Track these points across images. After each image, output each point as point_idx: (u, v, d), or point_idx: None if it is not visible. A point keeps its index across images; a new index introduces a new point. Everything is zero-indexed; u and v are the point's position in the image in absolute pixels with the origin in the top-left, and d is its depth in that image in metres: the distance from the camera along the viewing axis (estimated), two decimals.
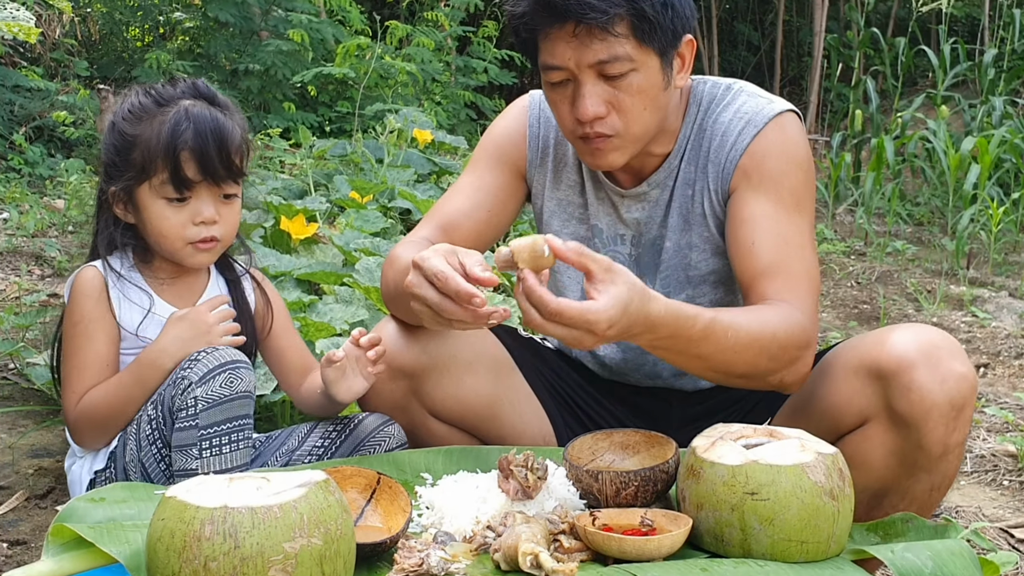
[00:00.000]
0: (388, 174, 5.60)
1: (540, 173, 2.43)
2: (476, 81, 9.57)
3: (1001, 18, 9.89)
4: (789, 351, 2.04)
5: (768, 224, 2.15)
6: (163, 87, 2.28)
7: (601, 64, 2.06)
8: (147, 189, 2.22)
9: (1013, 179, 7.52)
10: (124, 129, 2.24)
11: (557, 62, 2.09)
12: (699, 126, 2.28)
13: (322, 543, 1.50)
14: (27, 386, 3.50)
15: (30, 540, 2.59)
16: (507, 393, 2.39)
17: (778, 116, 2.22)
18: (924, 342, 1.98)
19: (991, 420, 3.74)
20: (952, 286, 5.78)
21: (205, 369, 2.10)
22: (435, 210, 2.44)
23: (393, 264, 2.26)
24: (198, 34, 9.54)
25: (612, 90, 2.09)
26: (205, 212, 2.23)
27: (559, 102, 2.16)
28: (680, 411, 2.45)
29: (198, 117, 2.21)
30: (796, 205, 2.19)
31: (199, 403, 2.08)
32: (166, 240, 2.25)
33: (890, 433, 2.00)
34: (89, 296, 2.25)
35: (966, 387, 1.96)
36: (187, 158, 2.19)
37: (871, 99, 9.15)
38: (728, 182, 2.23)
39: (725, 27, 12.28)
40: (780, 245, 2.14)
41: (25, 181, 6.57)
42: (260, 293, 2.46)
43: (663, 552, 1.70)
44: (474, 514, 1.86)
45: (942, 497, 2.10)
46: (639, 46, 2.06)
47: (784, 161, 2.20)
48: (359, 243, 4.08)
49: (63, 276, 4.94)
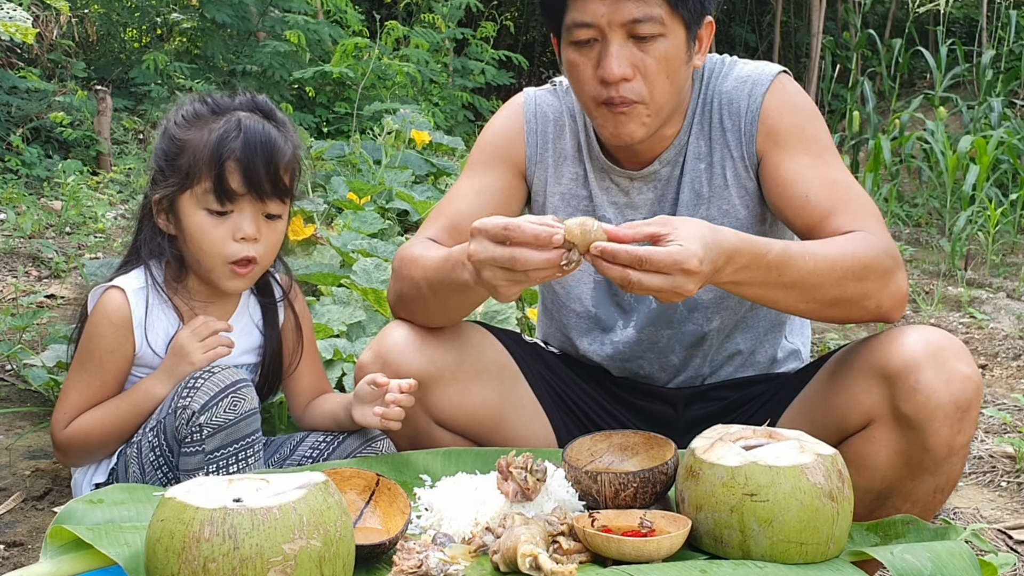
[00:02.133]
0: (386, 175, 5.60)
1: (540, 169, 2.42)
2: (474, 82, 9.58)
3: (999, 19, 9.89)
4: (874, 270, 2.04)
5: (813, 174, 2.20)
6: (221, 97, 2.23)
7: (634, 23, 2.09)
8: (189, 197, 2.16)
9: (1011, 180, 7.52)
10: (175, 134, 2.19)
11: (588, 19, 2.11)
12: (702, 100, 2.33)
13: (321, 544, 1.50)
14: (24, 387, 3.50)
15: (27, 542, 2.58)
16: (512, 401, 2.37)
17: (778, 75, 2.30)
18: (930, 343, 1.99)
19: (989, 421, 3.74)
20: (950, 287, 5.78)
21: (206, 397, 2.07)
22: (438, 212, 2.41)
23: (410, 262, 2.23)
24: (195, 35, 9.53)
25: (640, 53, 2.12)
26: (246, 228, 2.16)
27: (582, 64, 2.17)
28: (686, 415, 2.45)
29: (250, 128, 2.16)
30: (827, 149, 2.25)
31: (204, 430, 2.06)
32: (205, 256, 2.18)
33: (895, 434, 2.00)
34: (112, 324, 2.18)
35: (971, 388, 1.96)
36: (232, 168, 2.13)
37: (868, 100, 9.15)
38: (753, 146, 2.27)
39: (722, 29, 12.28)
40: (831, 189, 2.18)
41: (22, 182, 6.57)
42: (292, 319, 2.39)
43: (662, 553, 1.69)
44: (473, 516, 1.86)
45: (946, 499, 2.10)
46: (671, 11, 2.11)
47: (799, 114, 2.27)
48: (357, 244, 4.07)
49: (60, 277, 4.94)
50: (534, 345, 2.53)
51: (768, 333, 2.46)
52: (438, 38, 9.30)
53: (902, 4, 10.80)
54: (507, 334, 2.45)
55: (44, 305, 4.48)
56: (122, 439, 2.20)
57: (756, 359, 2.46)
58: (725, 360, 2.44)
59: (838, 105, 10.37)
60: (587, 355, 2.49)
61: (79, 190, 6.10)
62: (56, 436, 2.19)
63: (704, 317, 2.38)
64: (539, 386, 2.43)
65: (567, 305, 2.47)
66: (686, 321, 2.39)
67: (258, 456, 2.15)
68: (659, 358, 2.43)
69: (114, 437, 2.19)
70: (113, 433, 2.19)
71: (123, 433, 2.19)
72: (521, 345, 2.47)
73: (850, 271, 2.02)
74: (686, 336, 2.40)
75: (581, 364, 2.52)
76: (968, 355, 2.01)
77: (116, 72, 9.12)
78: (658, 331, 2.40)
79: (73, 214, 5.86)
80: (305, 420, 2.40)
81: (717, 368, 2.45)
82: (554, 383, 2.47)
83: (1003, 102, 8.54)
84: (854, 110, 9.07)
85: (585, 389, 2.49)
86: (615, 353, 2.45)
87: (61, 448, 2.21)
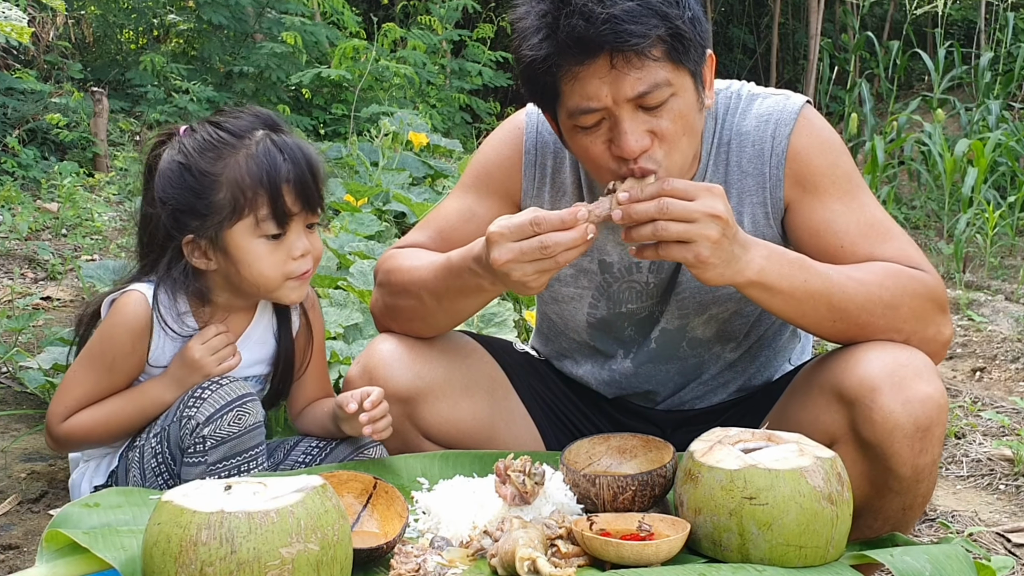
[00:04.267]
0: (383, 177, 5.60)
1: (536, 203, 2.31)
2: (471, 84, 9.57)
3: (997, 21, 9.89)
4: (908, 294, 1.97)
5: (845, 220, 2.11)
6: (229, 119, 2.15)
7: (641, 97, 1.93)
8: (241, 230, 2.08)
9: (1009, 183, 7.52)
10: (204, 168, 2.08)
11: (591, 104, 1.94)
12: (718, 139, 2.20)
13: (319, 548, 1.49)
14: (20, 390, 3.49)
15: (22, 544, 2.57)
16: (503, 415, 2.35)
17: (802, 111, 2.18)
18: (888, 363, 1.94)
19: (987, 424, 3.74)
20: (948, 290, 5.76)
21: (212, 409, 2.07)
22: (424, 224, 2.38)
23: (412, 272, 2.20)
24: (192, 37, 9.52)
25: (652, 119, 1.96)
26: (300, 246, 2.12)
27: (592, 146, 2.00)
28: (674, 438, 2.41)
29: (288, 147, 2.11)
30: (858, 188, 2.16)
31: (208, 441, 2.06)
32: (266, 280, 2.12)
33: (858, 455, 1.96)
34: (131, 329, 2.14)
35: (932, 407, 1.91)
36: (288, 190, 2.08)
37: (866, 102, 9.15)
38: (780, 192, 2.17)
39: (720, 30, 12.28)
40: (867, 231, 2.10)
41: (18, 184, 6.55)
42: (305, 326, 2.36)
43: (661, 557, 1.69)
44: (471, 519, 1.86)
45: (919, 514, 2.07)
46: (675, 68, 1.95)
47: (828, 152, 2.17)
48: (354, 246, 4.07)
49: (56, 279, 4.92)
50: (525, 354, 2.50)
51: (771, 360, 2.42)
52: (435, 40, 9.29)
53: (900, 6, 10.80)
54: (498, 344, 2.43)
55: (40, 307, 4.47)
56: (122, 437, 2.20)
57: (752, 384, 2.42)
58: (721, 387, 2.41)
59: (836, 107, 10.36)
60: (582, 378, 2.46)
61: (75, 192, 6.07)
62: (54, 428, 2.18)
63: (706, 350, 2.34)
64: (529, 398, 2.41)
65: (565, 334, 2.44)
66: (688, 357, 2.35)
67: (261, 469, 2.14)
68: (655, 387, 2.41)
69: (115, 436, 2.19)
70: (115, 432, 2.18)
71: (124, 433, 2.19)
72: (512, 356, 2.45)
73: (881, 290, 1.97)
74: (687, 369, 2.37)
75: (575, 379, 2.49)
76: (932, 372, 1.95)
77: (112, 73, 9.10)
78: (657, 366, 2.37)
79: (69, 216, 5.84)
80: (298, 423, 2.39)
81: (711, 394, 2.42)
82: (545, 395, 2.44)
83: (1001, 104, 8.53)
84: (852, 112, 9.07)
85: (575, 403, 2.47)
86: (611, 380, 2.42)
87: (58, 440, 2.20)
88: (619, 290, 2.31)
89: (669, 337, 2.33)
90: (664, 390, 2.40)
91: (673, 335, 2.32)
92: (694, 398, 2.41)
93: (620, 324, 2.35)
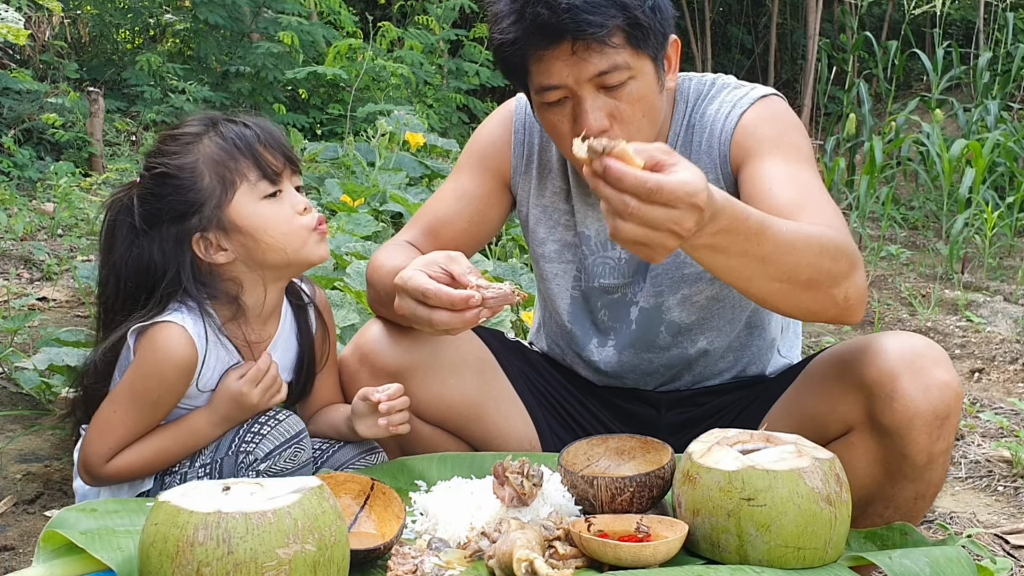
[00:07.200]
0: (379, 177, 5.59)
1: (524, 180, 2.43)
2: (468, 84, 9.55)
3: (995, 21, 9.90)
4: (846, 255, 1.91)
5: (781, 172, 2.11)
6: (177, 128, 2.19)
7: (601, 76, 2.04)
8: (241, 201, 2.11)
9: (1008, 183, 7.52)
10: (179, 164, 2.11)
11: (554, 81, 2.07)
12: (687, 123, 2.28)
13: (316, 549, 1.49)
14: (15, 390, 3.48)
15: (18, 546, 2.57)
16: (492, 395, 2.38)
17: (762, 98, 2.23)
18: (907, 351, 1.97)
19: (986, 425, 3.73)
20: (947, 291, 5.78)
21: (272, 445, 2.10)
22: (420, 214, 2.45)
23: (377, 270, 2.28)
24: (188, 36, 9.51)
25: (613, 101, 2.07)
26: (300, 201, 2.15)
27: (557, 122, 2.13)
28: (668, 417, 2.43)
29: (244, 120, 2.16)
30: (805, 159, 2.15)
31: (263, 476, 2.07)
32: (288, 238, 2.12)
33: (874, 442, 1.99)
34: (178, 366, 2.09)
35: (950, 395, 1.94)
36: (263, 150, 2.12)
37: (864, 102, 9.15)
38: (728, 164, 2.22)
39: (718, 30, 12.28)
40: (798, 187, 2.08)
41: (14, 184, 6.55)
42: (322, 328, 2.36)
43: (659, 559, 1.69)
44: (468, 520, 1.86)
45: (929, 505, 2.09)
46: (634, 53, 2.06)
47: (780, 124, 2.20)
48: (350, 247, 4.07)
49: (52, 280, 4.92)
50: (517, 343, 2.54)
51: (761, 351, 2.43)
52: (432, 39, 9.27)
53: (898, 6, 10.80)
54: (489, 331, 2.48)
55: (36, 308, 4.47)
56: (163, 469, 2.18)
57: (747, 374, 2.44)
58: (714, 376, 2.43)
59: (834, 107, 10.37)
60: (572, 367, 2.51)
61: (71, 192, 6.08)
62: (98, 470, 2.12)
63: (689, 340, 2.37)
64: (520, 382, 2.45)
65: (552, 317, 2.50)
66: (670, 346, 2.38)
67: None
68: (643, 377, 2.43)
69: (157, 470, 2.17)
70: (157, 467, 2.16)
71: (166, 465, 2.16)
72: (503, 342, 2.49)
73: (826, 250, 1.86)
74: (672, 359, 2.39)
75: (564, 364, 2.53)
76: (947, 361, 1.99)
77: (109, 73, 9.11)
78: (639, 354, 2.39)
79: (65, 216, 5.84)
80: (310, 426, 2.39)
81: (704, 381, 2.44)
82: (536, 380, 2.48)
83: (999, 105, 8.54)
84: (850, 112, 9.08)
85: (567, 388, 2.50)
86: (596, 373, 2.46)
87: (101, 480, 2.15)
88: (593, 263, 2.38)
89: (647, 317, 2.35)
90: (652, 379, 2.42)
91: (651, 315, 2.35)
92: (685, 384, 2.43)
93: (595, 302, 2.40)
